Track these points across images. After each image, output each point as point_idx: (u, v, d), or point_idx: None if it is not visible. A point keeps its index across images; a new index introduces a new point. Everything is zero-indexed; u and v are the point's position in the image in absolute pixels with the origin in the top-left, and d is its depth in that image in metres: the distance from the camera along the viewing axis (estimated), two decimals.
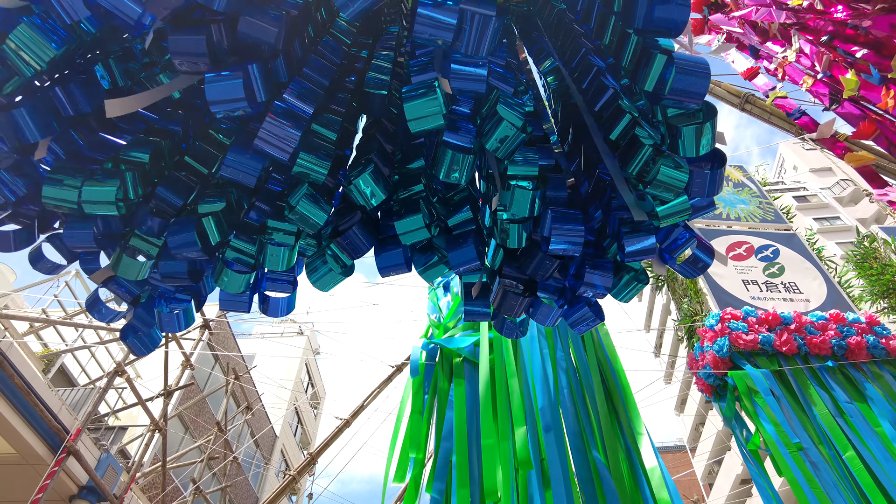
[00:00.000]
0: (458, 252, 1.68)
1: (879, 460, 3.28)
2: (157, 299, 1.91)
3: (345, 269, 1.82)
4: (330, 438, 8.66)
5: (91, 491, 9.21)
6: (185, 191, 1.67)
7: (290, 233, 1.74)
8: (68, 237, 1.60)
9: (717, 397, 4.21)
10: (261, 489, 23.92)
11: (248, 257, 1.74)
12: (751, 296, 5.05)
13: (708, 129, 1.44)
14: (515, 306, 1.73)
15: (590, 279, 1.63)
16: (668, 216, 1.57)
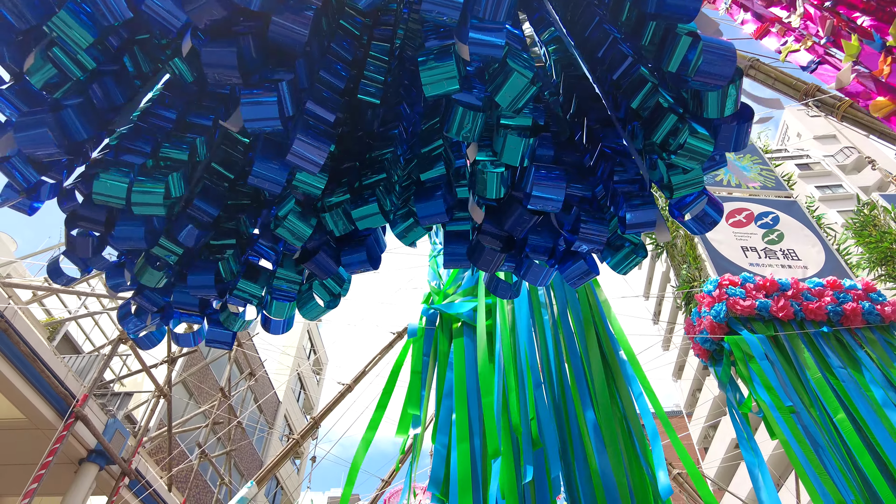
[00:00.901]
0: (425, 205, 1.70)
1: (869, 423, 3.36)
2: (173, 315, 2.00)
3: (332, 300, 1.91)
4: (332, 403, 8.82)
5: (100, 454, 9.43)
6: (219, 200, 1.73)
7: (294, 282, 1.83)
8: (119, 234, 1.66)
9: (714, 362, 4.27)
10: (265, 453, 24.46)
11: (254, 298, 1.85)
12: (749, 262, 5.08)
13: (732, 90, 1.42)
14: (492, 262, 1.76)
15: (586, 234, 1.64)
16: (681, 187, 1.58)
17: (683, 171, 1.55)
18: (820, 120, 33.87)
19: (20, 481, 8.78)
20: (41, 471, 7.76)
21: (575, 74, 1.91)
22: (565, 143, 1.82)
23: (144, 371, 11.43)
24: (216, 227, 1.75)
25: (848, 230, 9.00)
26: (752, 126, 1.60)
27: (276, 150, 1.54)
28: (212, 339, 1.97)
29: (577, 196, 1.67)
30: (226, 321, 1.93)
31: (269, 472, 8.26)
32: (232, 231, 1.77)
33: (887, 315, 4.31)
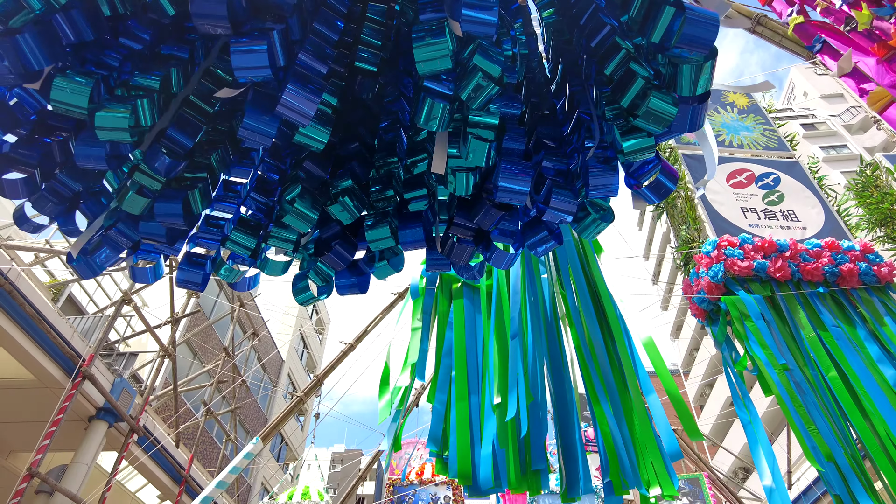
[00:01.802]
0: (406, 232, 1.76)
1: (861, 380, 3.44)
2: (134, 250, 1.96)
3: (325, 286, 1.91)
4: (335, 362, 8.97)
5: (108, 412, 9.66)
6: (193, 132, 1.69)
7: (289, 240, 1.82)
8: (80, 155, 1.61)
9: (710, 322, 4.33)
10: (269, 410, 25.00)
11: (246, 251, 1.83)
12: (748, 223, 5.09)
13: (707, 68, 1.44)
14: (463, 254, 1.81)
15: (556, 206, 1.67)
16: (632, 152, 1.60)
17: (648, 135, 1.56)
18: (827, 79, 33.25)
19: (33, 437, 9.02)
20: (52, 427, 7.96)
21: (563, 39, 1.90)
22: (546, 116, 1.82)
23: (148, 331, 11.59)
24: (190, 158, 1.72)
25: (849, 191, 8.98)
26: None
27: (266, 102, 1.52)
28: (183, 280, 1.94)
29: (553, 170, 1.68)
30: (220, 274, 1.92)
31: (274, 429, 8.47)
32: (204, 166, 1.75)
33: (883, 276, 4.34)
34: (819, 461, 3.11)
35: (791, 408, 3.32)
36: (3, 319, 7.98)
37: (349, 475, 43.96)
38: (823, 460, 3.08)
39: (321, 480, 7.76)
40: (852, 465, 3.01)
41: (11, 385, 9.09)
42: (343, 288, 1.85)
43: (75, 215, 1.86)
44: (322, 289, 1.93)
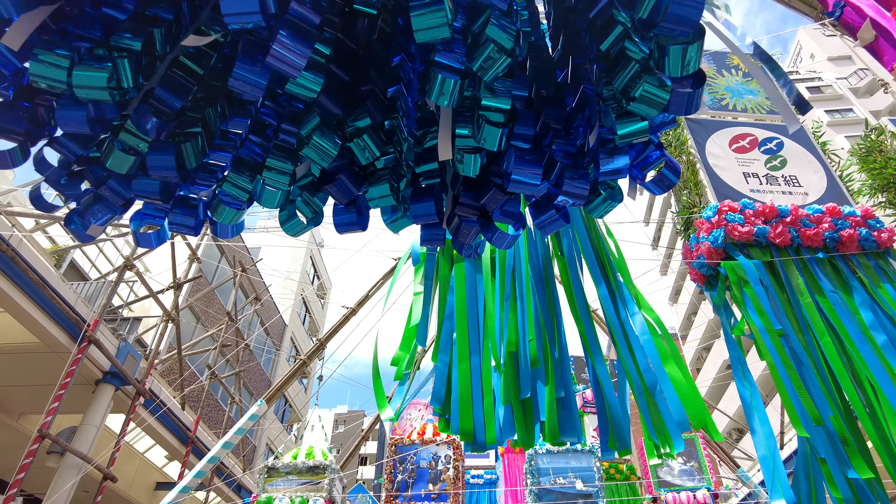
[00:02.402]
0: (419, 206, 1.76)
1: (856, 343, 3.49)
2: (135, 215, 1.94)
3: (314, 217, 1.90)
4: (337, 325, 9.08)
5: (114, 376, 9.83)
6: (183, 92, 1.66)
7: (285, 172, 1.79)
8: (61, 119, 1.58)
9: (709, 286, 4.37)
10: (273, 373, 25.40)
11: (244, 192, 1.81)
12: (750, 188, 5.07)
13: (695, 49, 1.44)
14: (469, 234, 1.81)
15: (569, 189, 1.68)
16: (626, 136, 1.60)
17: (641, 119, 1.56)
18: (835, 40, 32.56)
19: (42, 400, 9.21)
20: (61, 391, 8.12)
21: (566, 7, 1.87)
22: (550, 98, 1.80)
23: (151, 297, 11.68)
24: (181, 116, 1.70)
25: (853, 156, 8.90)
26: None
27: (257, 51, 1.49)
28: (175, 223, 1.91)
29: (561, 153, 1.68)
30: (215, 212, 1.89)
31: (278, 391, 8.63)
32: (197, 120, 1.73)
33: (883, 241, 4.35)
34: (807, 426, 3.18)
35: (783, 373, 3.38)
36: (7, 285, 8.04)
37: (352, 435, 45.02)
38: (811, 425, 3.16)
39: (325, 441, 7.94)
40: (839, 430, 3.09)
41: (19, 350, 9.22)
42: (342, 226, 1.84)
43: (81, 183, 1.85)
44: (311, 220, 1.91)
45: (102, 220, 1.87)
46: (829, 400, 3.22)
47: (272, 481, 6.71)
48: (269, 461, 6.90)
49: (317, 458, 6.82)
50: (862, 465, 2.94)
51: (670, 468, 10.78)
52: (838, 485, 2.96)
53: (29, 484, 8.07)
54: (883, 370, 3.31)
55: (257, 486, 6.74)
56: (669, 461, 10.80)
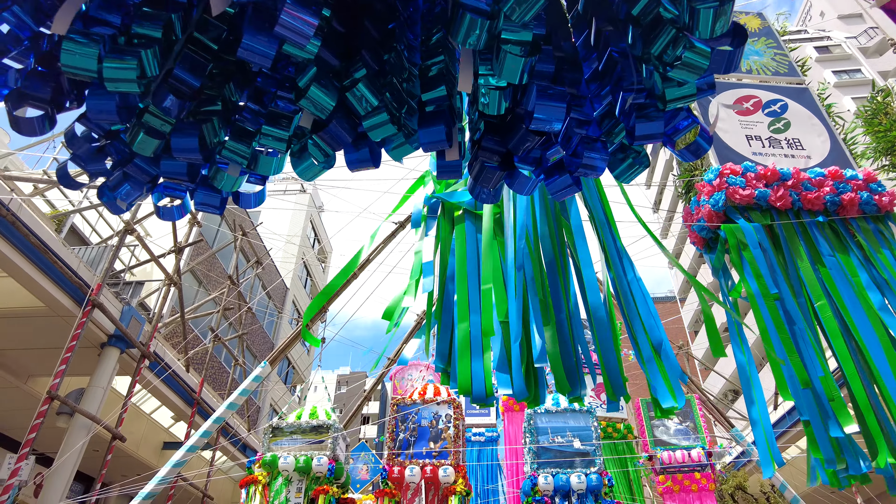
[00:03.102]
0: (428, 131, 1.71)
1: (848, 306, 3.53)
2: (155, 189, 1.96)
3: (326, 160, 1.88)
4: (339, 289, 9.13)
5: (119, 339, 9.96)
6: (200, 69, 1.66)
7: (281, 139, 1.78)
8: (92, 108, 1.60)
9: (708, 250, 4.38)
10: (275, 336, 25.70)
11: (242, 159, 1.81)
12: (752, 151, 5.03)
13: (727, 9, 1.43)
14: (493, 178, 1.80)
15: (589, 161, 1.67)
16: (674, 100, 1.57)
17: (678, 85, 1.55)
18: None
19: (49, 363, 9.35)
20: (67, 354, 8.24)
21: None
22: (568, 58, 1.77)
23: (153, 261, 11.73)
24: (200, 94, 1.72)
25: (858, 118, 8.79)
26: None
27: (265, 20, 1.49)
28: (201, 203, 1.96)
29: (577, 120, 1.66)
30: (215, 179, 1.92)
31: (281, 353, 8.76)
32: (216, 98, 1.74)
33: (884, 205, 4.35)
34: (793, 390, 3.24)
35: (774, 338, 3.42)
36: (9, 250, 8.07)
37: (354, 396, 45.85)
38: (799, 388, 3.21)
39: (328, 401, 8.11)
40: (828, 390, 3.15)
41: (25, 313, 9.32)
42: (354, 163, 1.84)
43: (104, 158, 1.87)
44: (324, 163, 1.92)
45: (132, 198, 1.90)
46: (821, 361, 3.28)
47: (277, 440, 6.88)
48: (273, 421, 7.05)
49: (320, 418, 6.97)
50: (848, 419, 3.01)
51: (666, 428, 11.03)
52: (820, 446, 3.04)
53: (41, 443, 8.28)
54: (874, 332, 3.35)
55: (262, 445, 6.91)
56: (665, 421, 11.04)
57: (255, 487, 6.41)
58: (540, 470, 6.52)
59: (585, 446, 6.86)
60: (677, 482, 10.24)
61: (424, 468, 6.57)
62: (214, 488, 13.71)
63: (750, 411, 3.24)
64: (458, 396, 7.30)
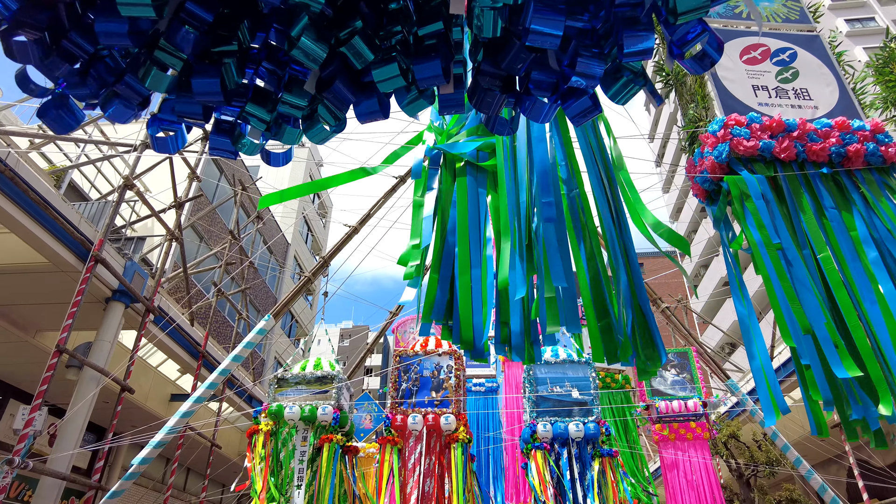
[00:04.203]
0: (423, 66, 1.67)
1: (847, 259, 3.54)
2: (152, 121, 1.94)
3: (337, 124, 1.85)
4: (340, 243, 9.17)
5: (123, 294, 10.06)
6: (211, 5, 1.62)
7: (299, 107, 1.76)
8: (102, 32, 1.57)
9: (710, 202, 4.35)
10: (278, 291, 25.94)
11: (261, 123, 1.81)
12: (758, 101, 4.93)
13: None
14: (493, 103, 1.75)
15: (583, 68, 1.61)
16: (686, 12, 1.51)
17: None
18: None
19: (56, 318, 9.48)
20: (73, 309, 8.34)
21: None
22: None
23: (154, 216, 11.72)
24: (213, 33, 1.70)
25: (869, 67, 8.58)
26: None
27: None
28: (215, 148, 1.94)
29: (576, 29, 1.60)
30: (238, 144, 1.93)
31: (285, 307, 8.86)
32: (231, 38, 1.72)
33: (889, 156, 4.29)
34: (795, 336, 3.28)
35: (777, 286, 3.45)
36: (9, 206, 8.05)
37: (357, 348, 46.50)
38: (800, 334, 3.25)
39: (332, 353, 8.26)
40: (832, 335, 3.19)
41: (29, 269, 9.38)
42: (363, 115, 1.81)
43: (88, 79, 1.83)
44: (335, 128, 1.90)
45: (123, 117, 1.87)
46: (824, 309, 3.31)
47: (282, 391, 7.03)
48: (278, 372, 7.20)
49: (324, 369, 7.11)
50: (851, 364, 3.06)
51: (664, 379, 11.26)
52: (819, 387, 3.11)
53: (52, 395, 8.48)
54: (870, 286, 3.37)
55: (268, 396, 7.07)
56: (663, 372, 11.25)
57: (261, 436, 6.60)
58: (539, 418, 6.70)
59: (584, 396, 7.01)
60: (673, 431, 10.53)
61: (427, 416, 6.74)
62: (222, 438, 14.12)
63: (751, 362, 3.29)
64: (458, 347, 7.43)
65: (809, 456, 12.22)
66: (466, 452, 6.69)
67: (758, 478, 15.62)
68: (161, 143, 1.96)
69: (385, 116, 1.81)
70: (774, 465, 14.37)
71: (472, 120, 3.11)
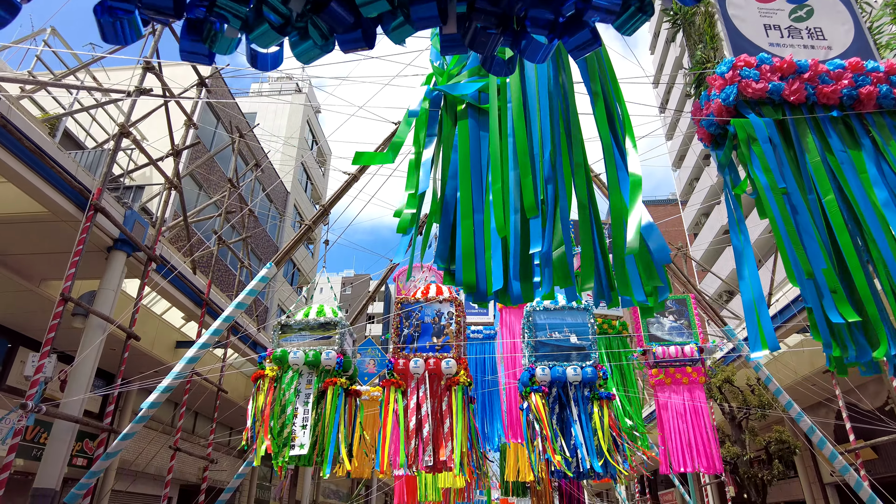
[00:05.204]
0: (419, 7, 1.59)
1: (858, 201, 3.51)
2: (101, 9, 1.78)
3: (324, 45, 1.75)
4: (340, 191, 9.11)
5: (125, 243, 10.07)
6: None
7: (279, 12, 1.64)
8: None
9: (716, 146, 4.27)
10: (279, 239, 26.00)
11: (236, 19, 1.66)
12: (770, 42, 4.77)
13: None
14: (488, 43, 1.68)
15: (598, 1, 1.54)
16: None
17: None
18: None
19: (59, 267, 9.53)
20: (75, 258, 8.37)
21: None
22: None
23: (151, 164, 11.60)
24: None
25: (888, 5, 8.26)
26: None
27: None
28: (188, 51, 1.85)
29: None
30: (208, 40, 1.79)
31: (286, 255, 8.88)
32: None
33: None
34: (799, 278, 3.31)
35: (782, 228, 3.44)
36: (4, 155, 7.94)
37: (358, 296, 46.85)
38: (804, 277, 3.28)
39: (334, 300, 8.33)
40: (830, 282, 3.21)
41: (29, 219, 9.36)
42: (346, 44, 1.73)
43: None
44: (323, 46, 1.81)
45: None
46: (825, 254, 3.31)
47: (286, 337, 7.14)
48: (281, 318, 7.29)
49: (327, 316, 7.20)
50: (847, 310, 3.09)
51: (661, 325, 11.42)
52: (820, 330, 3.16)
53: (60, 343, 8.62)
54: (880, 227, 3.36)
55: (272, 342, 7.19)
56: (661, 318, 11.40)
57: (266, 381, 6.75)
58: (538, 363, 6.83)
59: (582, 341, 7.12)
60: (669, 375, 10.77)
61: (428, 361, 6.87)
62: (228, 383, 14.46)
63: (743, 295, 3.32)
64: (458, 294, 7.50)
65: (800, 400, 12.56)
66: (466, 394, 6.86)
67: (749, 420, 16.10)
68: (111, 34, 1.79)
69: (370, 46, 1.72)
70: (766, 409, 14.78)
71: (473, 60, 3.01)
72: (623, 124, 2.91)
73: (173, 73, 13.87)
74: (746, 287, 3.27)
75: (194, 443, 17.02)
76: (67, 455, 8.41)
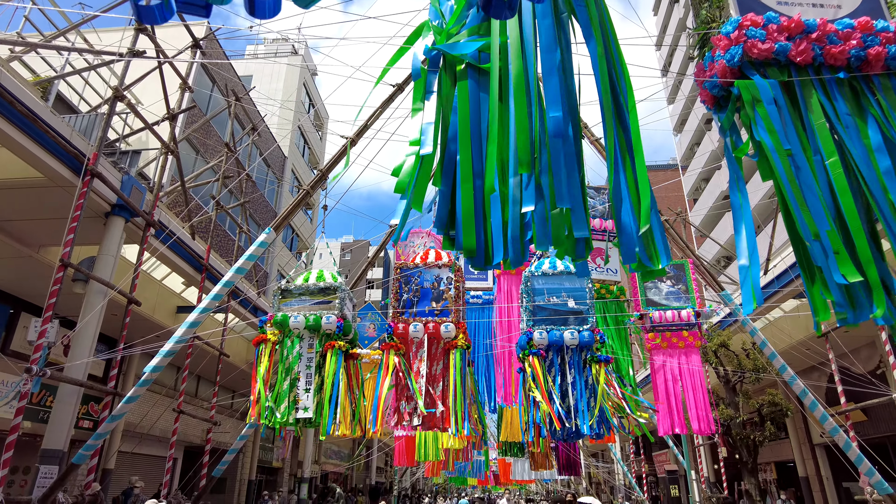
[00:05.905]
0: None
1: (860, 166, 3.48)
2: None
3: None
4: (338, 156, 9.02)
5: (123, 208, 10.02)
6: None
7: None
8: None
9: (719, 108, 4.21)
10: (277, 205, 25.88)
11: None
12: (777, 1, 4.66)
13: None
14: None
15: None
16: None
17: None
18: None
19: (57, 233, 9.50)
20: (73, 224, 8.33)
21: None
22: None
23: (147, 129, 11.44)
24: None
25: None
26: None
27: None
28: (185, 3, 1.80)
29: None
30: None
31: (285, 220, 8.86)
32: None
33: None
34: (806, 237, 3.33)
35: (788, 189, 3.42)
36: None
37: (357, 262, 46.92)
38: (810, 237, 3.29)
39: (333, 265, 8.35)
40: (834, 243, 3.22)
41: (25, 184, 9.28)
42: None
43: None
44: None
45: None
46: (828, 215, 3.32)
47: (286, 301, 7.18)
48: (282, 283, 7.31)
49: (327, 280, 7.22)
50: (850, 270, 3.12)
51: (659, 290, 11.49)
52: (831, 289, 3.20)
53: (62, 308, 8.66)
54: (883, 196, 3.34)
55: (272, 306, 7.23)
56: (658, 283, 11.46)
57: (268, 345, 6.81)
58: (535, 327, 6.89)
59: (579, 306, 7.17)
60: (665, 339, 10.89)
61: (427, 325, 6.93)
62: (229, 347, 14.61)
63: (739, 256, 3.33)
64: (458, 260, 7.51)
65: (794, 363, 12.72)
66: (465, 358, 6.94)
67: (743, 383, 16.36)
68: (146, 14, 1.76)
69: None
70: (760, 373, 15.00)
71: (473, 18, 2.92)
72: (625, 87, 2.86)
73: (166, 35, 13.56)
74: (741, 250, 3.28)
75: (197, 405, 17.31)
76: (73, 418, 8.55)
